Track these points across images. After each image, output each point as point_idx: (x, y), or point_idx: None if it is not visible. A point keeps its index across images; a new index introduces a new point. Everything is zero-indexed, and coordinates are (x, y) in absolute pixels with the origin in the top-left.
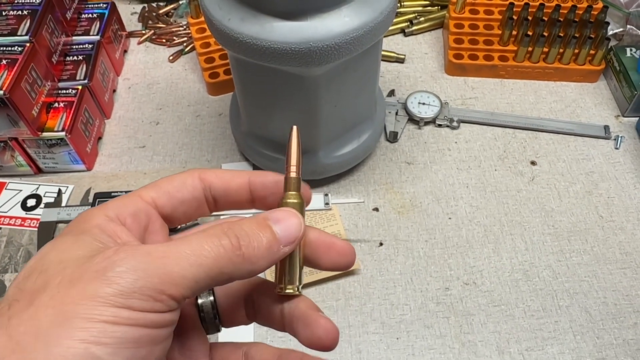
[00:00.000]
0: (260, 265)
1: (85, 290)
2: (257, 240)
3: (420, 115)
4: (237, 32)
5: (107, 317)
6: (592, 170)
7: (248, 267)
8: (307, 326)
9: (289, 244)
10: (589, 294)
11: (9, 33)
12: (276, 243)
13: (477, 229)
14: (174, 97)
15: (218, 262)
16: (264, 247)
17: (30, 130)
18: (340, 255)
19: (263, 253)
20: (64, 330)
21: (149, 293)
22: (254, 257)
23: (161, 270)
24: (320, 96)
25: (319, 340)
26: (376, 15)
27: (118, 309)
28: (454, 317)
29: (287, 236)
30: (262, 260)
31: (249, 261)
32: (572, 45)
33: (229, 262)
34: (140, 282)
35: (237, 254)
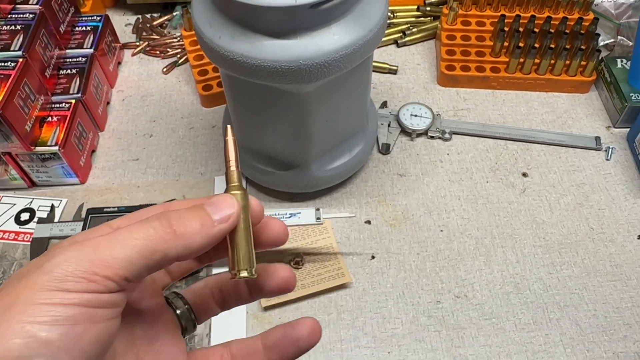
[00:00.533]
0: (195, 241)
1: (28, 281)
2: (188, 219)
3: (413, 127)
4: (227, 50)
5: (43, 300)
6: (583, 182)
7: (182, 242)
8: (269, 276)
9: (223, 221)
10: (580, 307)
11: (2, 48)
12: (208, 219)
13: (469, 241)
14: (168, 109)
15: (149, 241)
16: (196, 224)
17: (23, 145)
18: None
19: (195, 229)
20: (6, 315)
21: (82, 275)
22: (186, 234)
23: (93, 255)
24: (311, 112)
25: (282, 279)
26: (365, 33)
27: (53, 292)
28: (445, 330)
29: (220, 214)
30: (195, 235)
31: (181, 237)
32: (564, 57)
33: (161, 240)
34: (72, 267)
35: (167, 231)
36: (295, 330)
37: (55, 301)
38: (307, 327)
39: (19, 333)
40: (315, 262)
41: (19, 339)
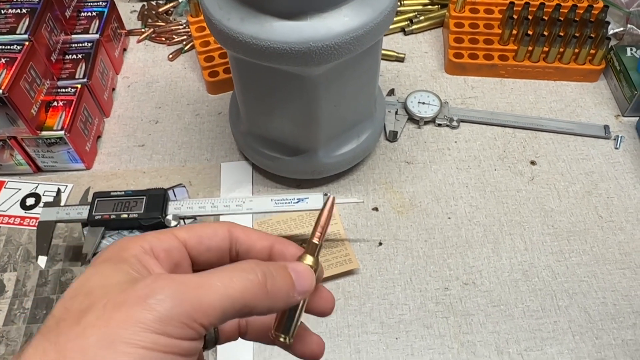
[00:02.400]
0: (277, 306)
1: (128, 315)
2: (280, 281)
3: (420, 115)
4: (236, 31)
5: (147, 344)
6: (591, 170)
7: (268, 304)
8: (301, 341)
9: (301, 294)
10: (588, 294)
11: (8, 31)
12: (293, 289)
13: (477, 228)
14: (174, 96)
15: (244, 294)
16: (284, 289)
17: (29, 129)
18: (323, 301)
19: (283, 295)
20: (109, 353)
21: (184, 320)
22: (275, 297)
23: (195, 299)
24: (320, 96)
25: (311, 353)
26: (376, 15)
27: (157, 336)
28: (453, 317)
29: (301, 287)
30: (280, 301)
31: (271, 299)
32: (573, 45)
33: (254, 296)
34: (177, 309)
35: (262, 290)
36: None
37: (158, 347)
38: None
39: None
40: (322, 248)
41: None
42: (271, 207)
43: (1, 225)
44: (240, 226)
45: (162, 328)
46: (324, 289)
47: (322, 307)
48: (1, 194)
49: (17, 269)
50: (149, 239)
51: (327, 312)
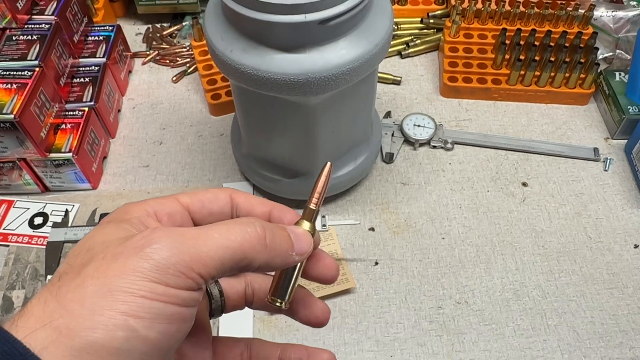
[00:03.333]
0: (275, 262)
1: (126, 265)
2: (279, 237)
3: (416, 137)
4: (238, 62)
5: (145, 293)
6: (581, 192)
7: (266, 258)
8: (306, 308)
9: (300, 255)
10: (577, 314)
11: (19, 58)
12: (292, 248)
13: (470, 249)
14: (177, 117)
15: (243, 246)
16: (284, 246)
17: (38, 151)
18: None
19: (282, 251)
20: (107, 302)
21: (181, 270)
22: (273, 251)
23: (192, 249)
24: (317, 122)
25: (316, 318)
26: (372, 47)
27: (155, 284)
28: (446, 335)
29: (300, 248)
30: (278, 257)
31: (269, 253)
32: (563, 70)
33: (252, 248)
34: (174, 258)
35: (261, 242)
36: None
37: (157, 296)
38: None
39: (122, 326)
40: None
41: (122, 332)
42: None
43: (10, 243)
44: (241, 192)
45: (159, 277)
46: (324, 256)
47: (323, 273)
48: (10, 213)
49: (25, 287)
50: (152, 204)
51: (329, 278)
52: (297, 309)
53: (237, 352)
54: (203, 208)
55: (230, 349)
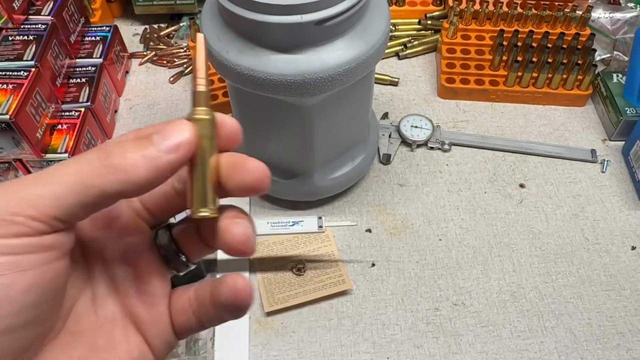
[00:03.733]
0: (138, 175)
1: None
2: (130, 149)
3: (413, 138)
4: (235, 63)
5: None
6: (578, 194)
7: (121, 176)
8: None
9: (172, 151)
10: (574, 315)
11: (15, 58)
12: (153, 149)
13: (467, 250)
14: (174, 118)
15: (82, 176)
16: (138, 155)
17: (34, 152)
18: (248, 173)
19: (137, 160)
20: None
21: (5, 217)
22: (126, 166)
23: (16, 194)
24: (314, 123)
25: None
26: (368, 48)
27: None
28: (443, 337)
29: (168, 142)
30: (138, 169)
31: (121, 171)
32: (561, 71)
33: (95, 174)
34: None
35: (104, 164)
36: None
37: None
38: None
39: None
40: (317, 269)
41: None
42: (267, 229)
43: None
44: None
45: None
46: (247, 159)
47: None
48: None
49: None
50: None
51: (254, 184)
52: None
53: (186, 298)
54: None
55: (180, 297)
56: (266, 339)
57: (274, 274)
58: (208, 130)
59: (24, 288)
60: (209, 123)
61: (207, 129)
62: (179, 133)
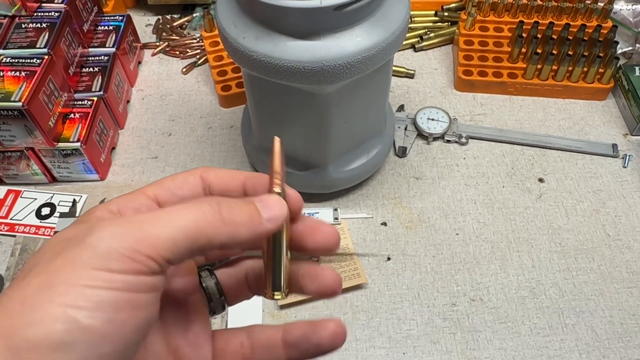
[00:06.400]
0: (241, 233)
1: (67, 258)
2: (239, 210)
3: (429, 131)
4: (251, 50)
5: (86, 281)
6: (599, 189)
7: (228, 231)
8: (314, 279)
9: (271, 221)
10: (595, 313)
11: (28, 45)
12: (257, 215)
13: (484, 245)
14: (187, 109)
15: (197, 224)
16: (245, 215)
17: (46, 140)
18: (325, 237)
19: (244, 220)
20: (46, 295)
21: (126, 253)
22: (234, 222)
23: (137, 232)
24: (331, 112)
25: (328, 288)
26: (388, 35)
27: (96, 272)
28: (460, 333)
29: (269, 212)
30: (242, 227)
31: (229, 225)
32: (581, 64)
33: (208, 224)
34: (117, 243)
35: (216, 217)
36: (316, 334)
37: (98, 284)
38: (329, 331)
39: (60, 318)
40: (331, 262)
41: (61, 324)
42: None
43: (17, 234)
44: (212, 168)
45: (101, 263)
46: (316, 221)
47: (321, 241)
48: (17, 203)
49: None
50: (116, 201)
51: (330, 245)
52: (304, 284)
53: (237, 343)
54: (173, 195)
55: (228, 341)
56: None
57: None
58: (286, 223)
59: (136, 327)
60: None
61: (285, 221)
62: (279, 208)
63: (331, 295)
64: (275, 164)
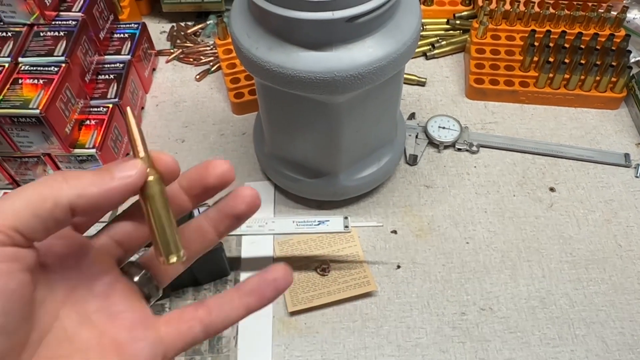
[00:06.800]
0: (90, 191)
1: None
2: (86, 174)
3: (440, 139)
4: (264, 60)
5: None
6: (611, 199)
7: (73, 190)
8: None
9: (124, 176)
10: (606, 324)
11: (46, 53)
12: (107, 173)
13: (495, 254)
14: (200, 116)
15: (38, 190)
16: (91, 175)
17: (62, 146)
18: (217, 167)
19: (90, 179)
20: None
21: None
22: (78, 182)
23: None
24: (342, 122)
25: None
26: (399, 46)
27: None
28: (469, 342)
29: (121, 170)
30: (90, 186)
31: (73, 185)
32: (594, 73)
33: (50, 188)
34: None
35: (56, 179)
36: (270, 273)
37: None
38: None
39: None
40: (341, 270)
41: None
42: (292, 228)
43: None
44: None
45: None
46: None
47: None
48: None
49: None
50: None
51: (225, 172)
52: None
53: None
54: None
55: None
56: (289, 339)
57: (298, 274)
58: (157, 187)
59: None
60: (156, 182)
61: (156, 186)
62: (133, 165)
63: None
64: (133, 134)
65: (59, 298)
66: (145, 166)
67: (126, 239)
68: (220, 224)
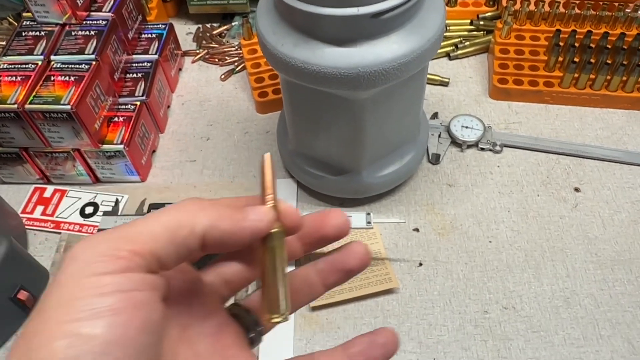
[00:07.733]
0: (224, 225)
1: (56, 279)
2: (222, 206)
3: (463, 139)
4: (289, 56)
5: (77, 293)
6: (638, 200)
7: (209, 219)
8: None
9: (257, 219)
10: (632, 325)
11: (77, 52)
12: (240, 211)
13: (518, 253)
14: (224, 114)
15: (175, 216)
16: (227, 211)
17: (92, 142)
18: (334, 219)
19: (226, 214)
20: (40, 319)
21: (107, 252)
22: (215, 214)
23: (117, 233)
24: (366, 118)
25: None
26: (424, 42)
27: (85, 280)
28: (492, 340)
29: (255, 213)
30: (225, 220)
31: (209, 215)
32: (620, 73)
33: (187, 214)
34: (98, 248)
35: (195, 208)
36: (378, 336)
37: (89, 291)
38: (389, 336)
39: (59, 334)
40: None
41: (61, 340)
42: None
43: (62, 231)
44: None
45: (87, 270)
46: (315, 214)
47: (329, 224)
48: (63, 202)
49: None
50: None
51: (341, 224)
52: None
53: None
54: None
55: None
56: (311, 334)
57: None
58: (279, 241)
59: (139, 326)
60: (279, 235)
61: (279, 239)
62: (267, 211)
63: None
64: (266, 180)
65: (174, 335)
66: (275, 216)
67: (235, 279)
68: (329, 277)
